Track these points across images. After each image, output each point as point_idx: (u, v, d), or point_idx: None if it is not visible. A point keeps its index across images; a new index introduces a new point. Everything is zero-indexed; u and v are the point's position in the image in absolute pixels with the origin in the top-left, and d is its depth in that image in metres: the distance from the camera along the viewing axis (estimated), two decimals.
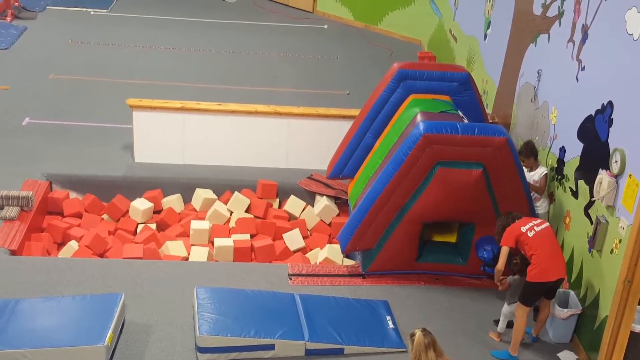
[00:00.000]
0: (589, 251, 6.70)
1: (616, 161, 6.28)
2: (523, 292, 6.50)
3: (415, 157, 7.04)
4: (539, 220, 6.59)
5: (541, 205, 7.60)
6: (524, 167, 7.48)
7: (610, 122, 6.49)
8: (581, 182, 6.97)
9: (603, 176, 6.44)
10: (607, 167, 6.43)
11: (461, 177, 7.06)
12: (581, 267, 6.86)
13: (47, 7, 15.24)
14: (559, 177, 7.47)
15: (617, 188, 6.30)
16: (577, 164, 7.09)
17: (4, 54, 12.71)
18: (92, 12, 15.27)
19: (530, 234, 6.41)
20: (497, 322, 7.01)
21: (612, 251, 6.32)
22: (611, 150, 6.40)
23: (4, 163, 9.25)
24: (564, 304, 6.85)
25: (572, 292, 6.90)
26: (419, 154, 7.03)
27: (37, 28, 14.08)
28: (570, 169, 7.23)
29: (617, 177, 6.30)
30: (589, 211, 6.76)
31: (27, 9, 14.82)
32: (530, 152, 7.60)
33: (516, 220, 6.59)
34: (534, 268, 6.35)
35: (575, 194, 7.08)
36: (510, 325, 6.79)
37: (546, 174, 7.50)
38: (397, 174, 7.12)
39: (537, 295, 6.56)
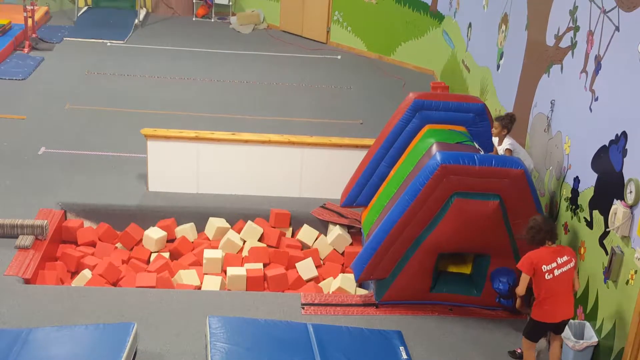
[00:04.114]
0: (605, 282, 6.64)
1: (631, 191, 6.24)
2: (527, 327, 6.45)
3: (431, 187, 7.04)
4: (564, 258, 6.31)
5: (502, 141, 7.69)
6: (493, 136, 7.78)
7: (624, 153, 6.47)
8: (596, 213, 6.93)
9: (618, 206, 6.41)
10: (621, 197, 6.40)
11: (478, 208, 7.04)
12: (597, 298, 6.79)
13: (64, 39, 15.46)
14: (574, 207, 7.44)
15: (632, 218, 6.26)
16: (592, 194, 7.05)
17: (21, 85, 12.88)
18: (108, 44, 15.47)
19: (547, 277, 6.25)
20: (511, 353, 6.95)
21: (627, 282, 6.26)
22: (625, 181, 6.37)
23: (19, 192, 9.32)
24: (580, 336, 6.78)
25: (587, 324, 6.83)
26: (436, 184, 7.02)
27: (54, 59, 14.27)
28: (584, 199, 7.19)
29: (632, 207, 6.27)
30: (604, 241, 6.72)
31: (44, 41, 15.04)
32: (508, 124, 7.69)
33: (546, 243, 6.32)
34: (539, 308, 6.29)
35: (589, 224, 7.04)
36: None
37: (508, 149, 7.59)
38: (413, 203, 7.11)
39: (541, 333, 6.50)
